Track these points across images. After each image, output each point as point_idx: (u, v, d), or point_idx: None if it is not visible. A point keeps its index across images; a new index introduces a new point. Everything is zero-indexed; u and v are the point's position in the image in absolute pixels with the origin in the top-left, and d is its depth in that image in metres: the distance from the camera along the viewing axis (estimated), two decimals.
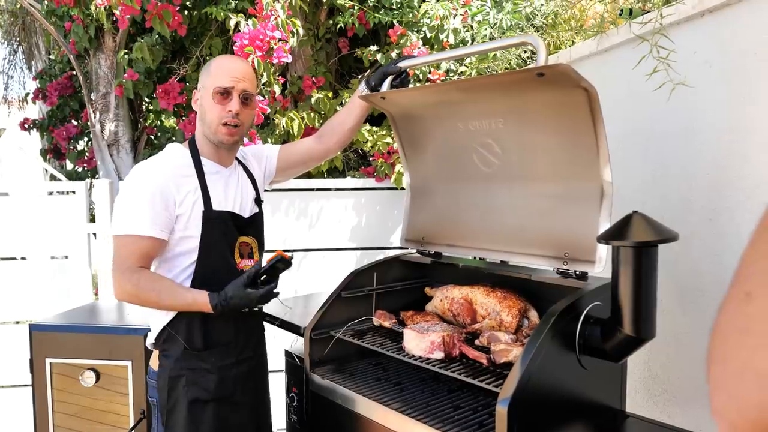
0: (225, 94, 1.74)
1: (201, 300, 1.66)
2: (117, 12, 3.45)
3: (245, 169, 1.93)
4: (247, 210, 1.85)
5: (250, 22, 3.12)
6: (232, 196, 1.81)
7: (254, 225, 1.87)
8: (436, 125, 1.90)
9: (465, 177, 1.89)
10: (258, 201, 1.91)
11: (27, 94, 5.53)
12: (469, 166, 1.84)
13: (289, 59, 3.13)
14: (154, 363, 1.79)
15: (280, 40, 3.08)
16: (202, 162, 1.78)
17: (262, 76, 3.10)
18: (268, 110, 3.29)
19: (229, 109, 1.74)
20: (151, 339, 1.80)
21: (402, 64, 1.94)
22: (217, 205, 1.74)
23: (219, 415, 1.75)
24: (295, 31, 3.20)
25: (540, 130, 1.60)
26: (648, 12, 1.85)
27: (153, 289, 1.66)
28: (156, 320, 1.77)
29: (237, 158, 1.91)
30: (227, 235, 1.77)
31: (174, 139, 4.47)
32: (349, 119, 2.04)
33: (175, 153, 1.79)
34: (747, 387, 0.41)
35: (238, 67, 1.78)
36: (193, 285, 1.72)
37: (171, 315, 1.73)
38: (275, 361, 2.21)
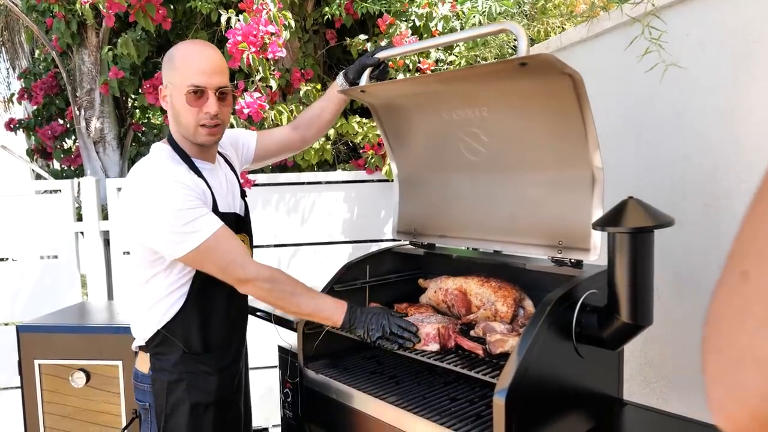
0: (198, 93, 1.56)
1: (340, 305, 1.58)
2: (102, 8, 3.38)
3: (226, 161, 1.82)
4: (238, 206, 1.76)
5: (240, 17, 3.07)
6: (225, 194, 1.70)
7: (247, 221, 1.80)
8: (420, 115, 1.86)
9: (453, 167, 1.85)
10: (243, 194, 1.82)
11: (12, 95, 5.45)
12: (456, 155, 1.81)
13: (283, 53, 3.08)
14: (142, 365, 1.70)
15: (273, 34, 3.02)
16: (194, 162, 1.65)
17: (257, 72, 3.05)
18: (267, 107, 3.22)
19: (206, 110, 1.57)
20: (140, 341, 1.69)
21: (379, 55, 1.88)
22: (221, 207, 1.64)
23: (219, 416, 1.69)
24: (287, 24, 3.15)
25: (526, 118, 1.56)
26: None
27: (290, 282, 1.57)
28: (146, 322, 1.65)
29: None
30: None
31: (161, 135, 4.40)
32: (325, 111, 1.99)
33: (169, 154, 1.63)
34: (746, 374, 0.37)
35: (208, 59, 1.57)
36: (191, 289, 1.62)
37: (167, 318, 1.62)
38: (269, 356, 2.18)
